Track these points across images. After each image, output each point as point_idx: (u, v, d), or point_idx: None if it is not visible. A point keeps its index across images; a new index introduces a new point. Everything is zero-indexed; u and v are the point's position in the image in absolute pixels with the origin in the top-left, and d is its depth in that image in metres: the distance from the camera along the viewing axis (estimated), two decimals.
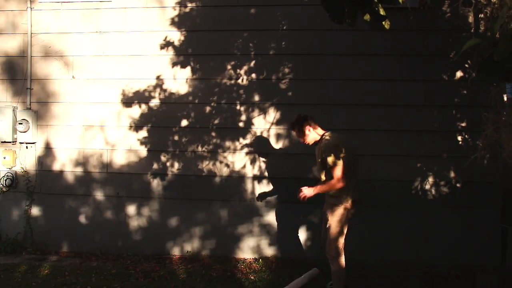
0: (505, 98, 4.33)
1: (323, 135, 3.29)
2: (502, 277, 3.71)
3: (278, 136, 4.46)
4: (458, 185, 4.28)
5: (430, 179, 4.31)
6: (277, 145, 4.46)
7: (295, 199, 4.45)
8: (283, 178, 4.45)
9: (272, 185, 4.48)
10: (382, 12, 1.64)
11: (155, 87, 4.57)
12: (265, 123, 4.46)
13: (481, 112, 4.17)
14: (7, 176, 4.67)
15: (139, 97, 4.59)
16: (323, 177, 3.31)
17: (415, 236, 4.28)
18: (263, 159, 4.48)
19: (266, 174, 4.47)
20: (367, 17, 1.65)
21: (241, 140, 4.49)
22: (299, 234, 4.45)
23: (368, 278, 3.87)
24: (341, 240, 3.32)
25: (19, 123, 4.58)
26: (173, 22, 4.54)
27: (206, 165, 4.53)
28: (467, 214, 4.25)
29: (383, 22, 1.68)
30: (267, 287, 3.71)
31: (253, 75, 4.48)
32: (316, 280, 3.76)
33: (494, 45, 1.23)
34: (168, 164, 4.57)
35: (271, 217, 4.48)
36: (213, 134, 4.52)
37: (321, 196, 4.40)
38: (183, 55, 4.54)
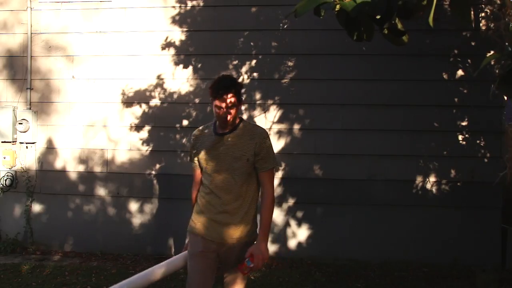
0: (505, 98, 4.32)
1: (241, 118, 2.24)
2: (502, 277, 3.71)
3: (279, 135, 4.46)
4: (458, 184, 4.28)
5: (430, 179, 4.31)
6: (278, 144, 4.46)
7: (295, 198, 4.48)
8: (284, 178, 4.45)
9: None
10: (400, 27, 1.64)
11: (155, 86, 4.58)
12: (266, 122, 4.46)
13: (481, 112, 4.21)
14: (7, 176, 4.66)
15: (140, 97, 4.59)
16: (237, 187, 2.10)
17: (415, 236, 4.28)
18: None
19: None
20: (385, 32, 1.65)
21: None
22: (299, 234, 4.45)
23: (368, 278, 3.87)
24: None
25: (19, 123, 4.58)
26: (173, 22, 4.53)
27: None
28: (467, 214, 4.25)
29: (403, 37, 1.68)
30: (267, 287, 3.70)
31: (254, 74, 4.48)
32: None
33: None
34: (169, 163, 4.57)
35: None
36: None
37: (325, 194, 4.43)
38: (183, 55, 4.54)
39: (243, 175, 2.11)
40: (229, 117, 2.06)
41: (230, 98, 2.05)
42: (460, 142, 4.29)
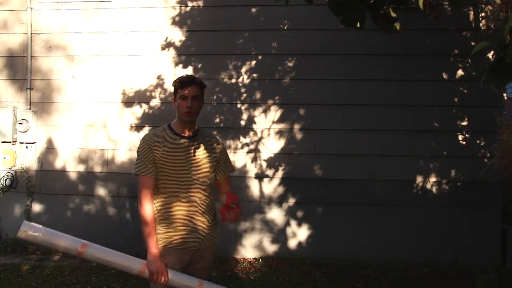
0: (505, 97, 4.33)
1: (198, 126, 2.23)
2: (502, 277, 3.71)
3: (279, 135, 4.46)
4: (458, 184, 4.29)
5: (430, 179, 4.31)
6: (278, 144, 4.46)
7: (295, 198, 4.48)
8: (284, 178, 4.45)
9: (273, 184, 4.48)
10: (392, 14, 1.63)
11: (156, 86, 4.58)
12: (266, 122, 4.47)
13: (481, 112, 4.21)
14: (7, 176, 4.66)
15: (140, 97, 4.59)
16: (204, 194, 2.14)
17: (415, 236, 4.28)
18: (264, 158, 4.48)
19: (267, 173, 4.47)
20: (377, 18, 1.64)
21: (242, 139, 4.49)
22: (299, 234, 4.45)
23: (368, 278, 3.87)
24: None
25: (19, 123, 4.58)
26: (173, 22, 4.54)
27: None
28: (467, 214, 4.25)
29: (395, 24, 1.67)
30: (267, 287, 3.71)
31: (254, 75, 4.48)
32: None
33: (505, 47, 1.21)
34: None
35: (271, 217, 4.48)
36: (214, 133, 4.51)
37: (325, 194, 4.42)
38: (184, 55, 4.54)
39: (209, 179, 2.15)
40: (193, 108, 2.05)
41: (195, 88, 2.08)
42: (460, 142, 4.29)
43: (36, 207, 4.72)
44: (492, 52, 3.92)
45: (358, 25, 1.61)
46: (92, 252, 1.98)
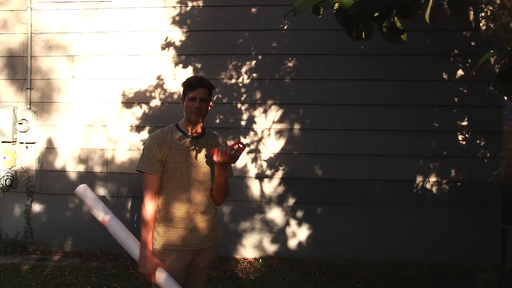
0: (505, 97, 4.33)
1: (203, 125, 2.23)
2: (502, 277, 3.71)
3: (279, 135, 4.46)
4: (458, 184, 4.29)
5: (430, 179, 4.31)
6: (278, 144, 4.46)
7: (295, 198, 4.48)
8: (284, 178, 4.45)
9: (273, 184, 4.48)
10: (399, 25, 1.64)
11: (155, 86, 4.58)
12: (266, 123, 4.47)
13: (481, 112, 4.21)
14: (7, 176, 4.66)
15: (140, 97, 4.59)
16: (205, 194, 2.14)
17: (415, 236, 4.29)
18: (264, 158, 4.48)
19: (267, 173, 4.47)
20: (384, 30, 1.65)
21: (242, 139, 4.49)
22: (299, 234, 4.45)
23: (368, 278, 3.87)
24: None
25: (19, 123, 4.58)
26: (173, 22, 4.54)
27: None
28: (467, 214, 4.25)
29: (401, 36, 1.67)
30: (267, 287, 3.70)
31: (254, 75, 4.48)
32: None
33: None
34: None
35: (271, 217, 4.48)
36: (214, 133, 4.52)
37: (325, 194, 4.43)
38: (184, 55, 4.54)
39: (210, 180, 2.13)
40: (201, 109, 2.07)
41: (203, 90, 2.09)
42: (460, 142, 4.29)
43: (36, 207, 4.72)
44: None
45: (364, 37, 1.62)
46: (113, 225, 2.21)
